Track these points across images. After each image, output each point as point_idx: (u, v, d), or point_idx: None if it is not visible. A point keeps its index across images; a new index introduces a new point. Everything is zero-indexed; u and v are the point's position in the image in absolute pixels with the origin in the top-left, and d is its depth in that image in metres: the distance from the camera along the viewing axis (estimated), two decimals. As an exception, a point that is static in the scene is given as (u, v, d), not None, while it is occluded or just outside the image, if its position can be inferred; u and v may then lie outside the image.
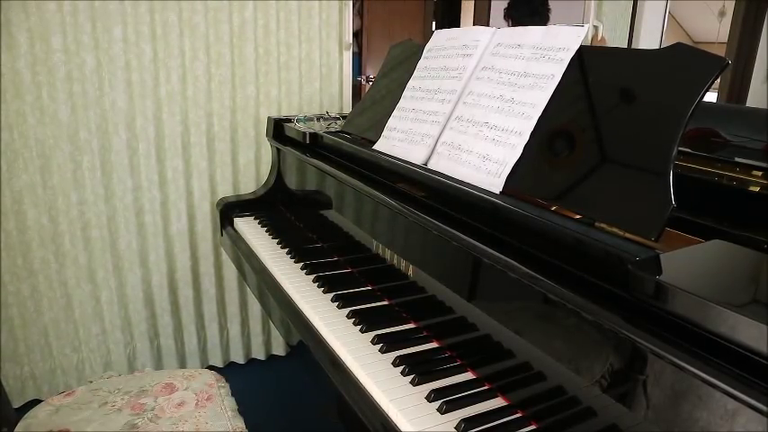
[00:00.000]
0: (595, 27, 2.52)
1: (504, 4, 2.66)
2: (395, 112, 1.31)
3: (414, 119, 1.23)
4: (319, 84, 2.20)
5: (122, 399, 1.23)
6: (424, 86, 1.26)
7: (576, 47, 0.97)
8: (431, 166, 1.13)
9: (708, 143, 1.18)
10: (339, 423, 1.10)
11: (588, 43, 0.97)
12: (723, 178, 1.05)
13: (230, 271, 2.22)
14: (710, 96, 0.94)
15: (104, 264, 1.98)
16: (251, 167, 2.15)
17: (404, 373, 0.95)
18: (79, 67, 1.79)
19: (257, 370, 2.32)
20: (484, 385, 0.91)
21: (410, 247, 1.12)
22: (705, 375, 0.57)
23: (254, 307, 2.30)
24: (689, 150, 1.14)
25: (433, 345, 1.04)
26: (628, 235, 0.78)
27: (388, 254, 1.20)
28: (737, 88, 2.99)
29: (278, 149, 1.78)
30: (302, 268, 1.37)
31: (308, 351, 1.12)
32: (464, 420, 0.82)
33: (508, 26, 2.11)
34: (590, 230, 0.78)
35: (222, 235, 1.80)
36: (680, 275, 0.64)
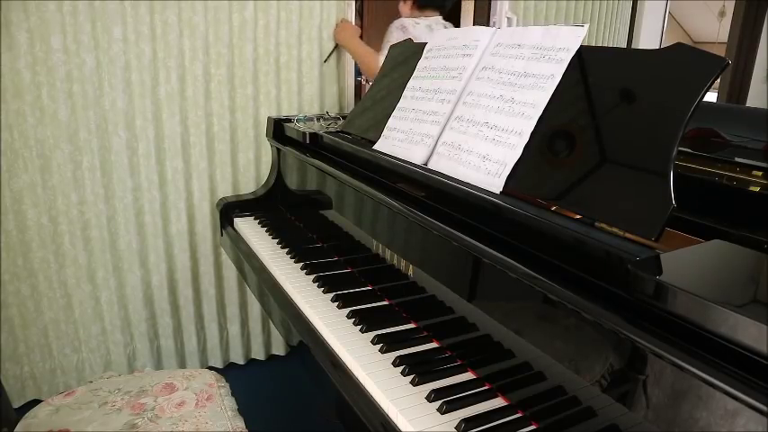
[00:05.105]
0: (509, 19, 2.46)
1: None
2: (395, 113, 1.31)
3: (414, 119, 1.23)
4: (319, 84, 2.20)
5: (122, 399, 1.23)
6: (424, 86, 1.26)
7: (576, 47, 0.96)
8: (431, 166, 1.13)
9: (708, 143, 1.18)
10: (339, 423, 1.09)
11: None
12: (723, 178, 1.05)
13: (230, 271, 2.22)
14: (710, 96, 0.94)
15: (104, 264, 1.98)
16: (251, 167, 2.15)
17: (404, 373, 0.95)
18: (79, 67, 1.79)
19: (257, 370, 2.32)
20: (484, 385, 0.91)
21: (410, 247, 1.12)
22: (705, 375, 0.57)
23: (254, 307, 2.30)
24: (689, 150, 1.14)
25: (433, 345, 1.04)
26: (628, 235, 0.78)
27: (388, 254, 1.20)
28: (737, 88, 3.00)
29: (278, 149, 1.78)
30: (302, 268, 1.37)
31: (307, 351, 1.12)
32: (464, 420, 0.82)
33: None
34: (590, 230, 0.78)
35: (222, 235, 1.80)
36: (680, 275, 0.64)
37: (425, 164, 1.15)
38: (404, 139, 1.23)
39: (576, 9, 2.77)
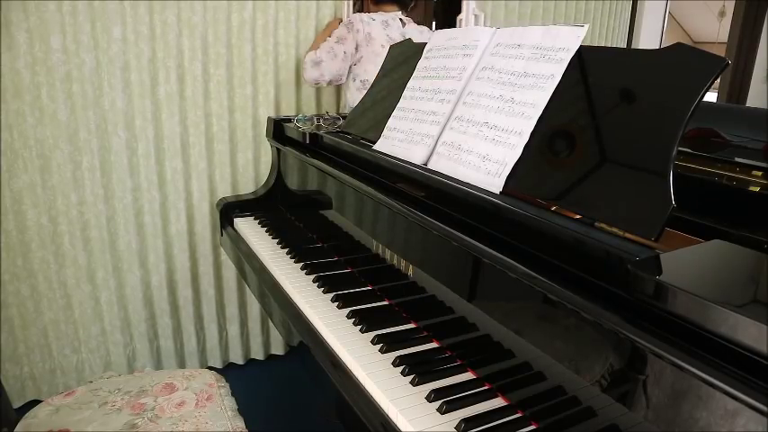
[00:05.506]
0: (476, 17, 2.41)
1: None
2: (395, 113, 1.31)
3: (414, 119, 1.23)
4: (319, 84, 2.20)
5: (122, 399, 1.23)
6: (424, 86, 1.26)
7: (576, 47, 0.96)
8: (431, 166, 1.13)
9: (708, 143, 1.18)
10: (339, 423, 1.09)
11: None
12: (723, 178, 1.05)
13: (229, 271, 2.22)
14: (710, 96, 0.94)
15: (104, 264, 1.98)
16: (250, 168, 2.15)
17: (404, 373, 0.95)
18: (78, 67, 1.79)
19: (256, 370, 2.32)
20: (484, 385, 0.91)
21: (410, 247, 1.12)
22: (705, 375, 0.57)
23: (253, 308, 2.30)
24: (689, 150, 1.14)
25: (433, 345, 1.04)
26: (628, 235, 0.78)
27: (388, 254, 1.20)
28: (737, 88, 3.00)
29: (278, 150, 1.78)
30: (302, 268, 1.37)
31: (307, 351, 1.12)
32: (464, 420, 0.82)
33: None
34: (590, 230, 0.78)
35: (222, 235, 1.80)
36: (680, 275, 0.64)
37: (425, 164, 1.15)
38: (404, 139, 1.23)
39: (565, 8, 2.75)
